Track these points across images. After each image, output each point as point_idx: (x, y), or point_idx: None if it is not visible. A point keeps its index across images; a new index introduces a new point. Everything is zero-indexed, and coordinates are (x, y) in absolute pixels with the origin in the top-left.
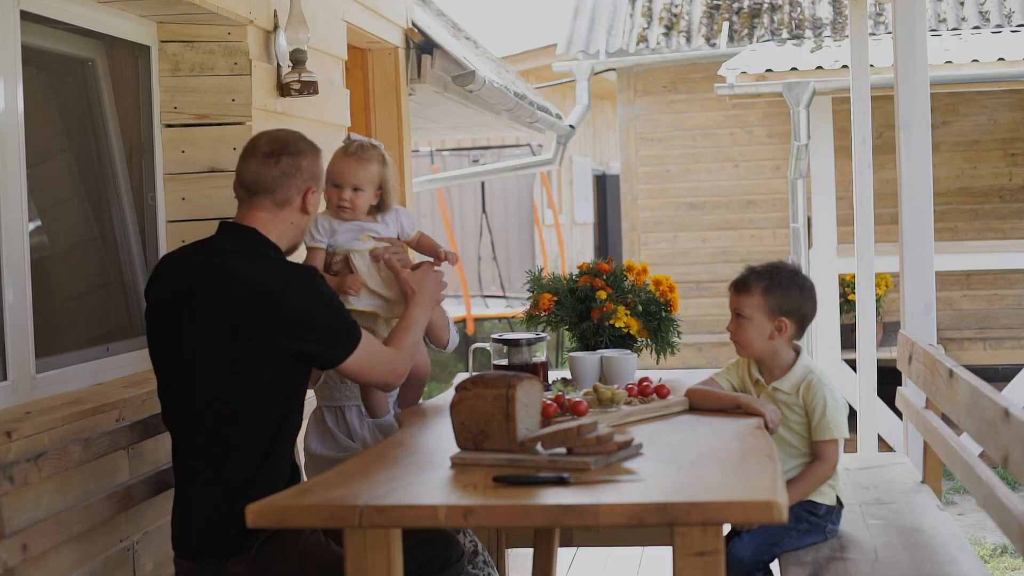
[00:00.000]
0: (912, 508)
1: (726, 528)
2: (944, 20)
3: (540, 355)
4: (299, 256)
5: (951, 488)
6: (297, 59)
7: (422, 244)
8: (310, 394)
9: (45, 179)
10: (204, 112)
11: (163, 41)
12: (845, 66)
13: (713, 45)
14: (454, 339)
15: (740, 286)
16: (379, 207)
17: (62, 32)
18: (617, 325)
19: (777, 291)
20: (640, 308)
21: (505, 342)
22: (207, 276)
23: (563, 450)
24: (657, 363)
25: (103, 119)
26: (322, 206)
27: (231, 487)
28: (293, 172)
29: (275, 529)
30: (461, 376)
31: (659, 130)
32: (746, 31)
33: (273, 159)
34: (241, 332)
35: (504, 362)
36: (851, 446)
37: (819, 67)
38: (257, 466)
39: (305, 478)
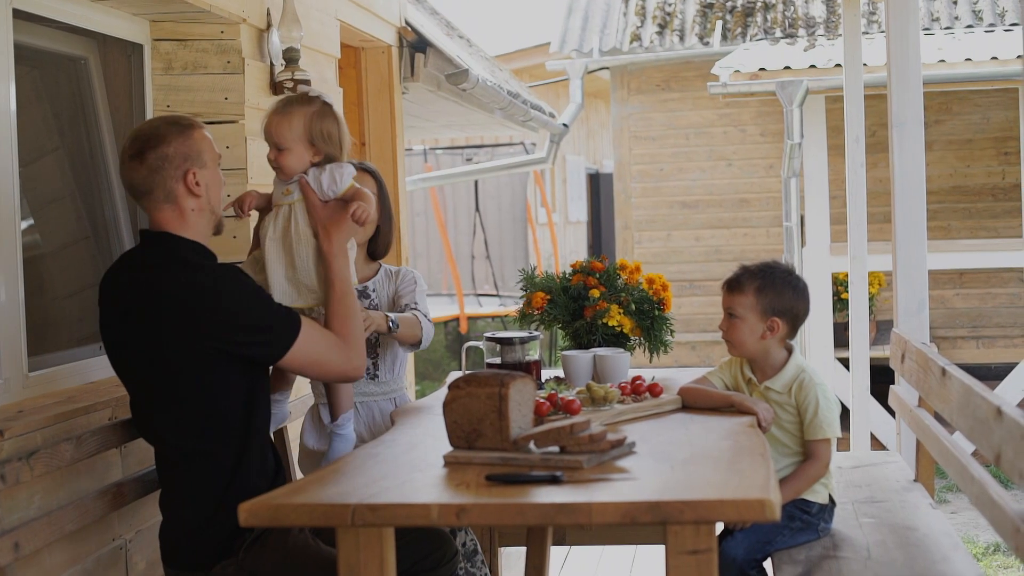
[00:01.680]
0: (905, 506)
1: (719, 527)
2: (937, 19)
3: (533, 353)
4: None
5: (944, 486)
6: (290, 57)
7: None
8: (306, 389)
9: (38, 177)
10: (197, 110)
11: (156, 39)
12: (838, 65)
13: (706, 44)
14: (428, 334)
15: (733, 285)
16: (325, 162)
17: (55, 30)
18: (610, 324)
19: (770, 291)
20: (633, 307)
21: (498, 340)
22: (134, 295)
23: (556, 449)
24: (650, 362)
25: (96, 117)
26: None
27: (209, 496)
28: (161, 165)
29: (261, 531)
30: (454, 375)
31: (652, 129)
32: (739, 30)
33: (138, 160)
34: (177, 345)
35: (497, 360)
36: (844, 444)
37: (812, 66)
38: (231, 473)
39: (298, 471)
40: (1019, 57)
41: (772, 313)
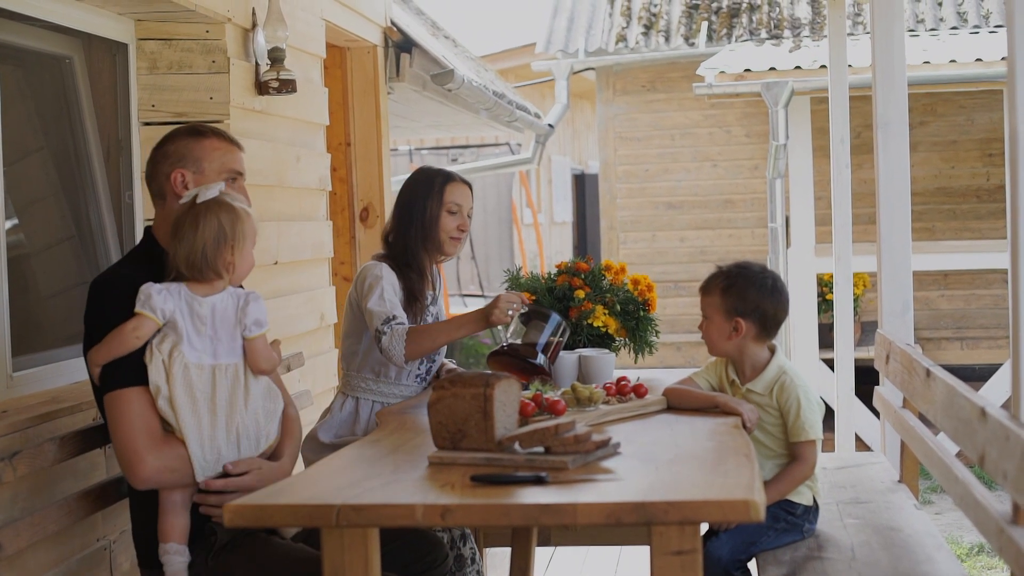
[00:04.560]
0: (889, 507)
1: (704, 527)
2: (922, 20)
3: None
4: None
5: (928, 487)
6: (275, 57)
7: None
8: (331, 383)
9: (22, 177)
10: (182, 110)
11: (141, 39)
12: (823, 66)
13: (692, 45)
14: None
15: (703, 286)
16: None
17: (39, 29)
18: (595, 324)
19: (734, 291)
20: (618, 307)
21: (535, 315)
22: None
23: (541, 449)
24: (635, 362)
25: (80, 117)
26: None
27: (136, 504)
28: (160, 159)
29: (229, 537)
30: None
31: (638, 129)
32: (725, 31)
33: (150, 158)
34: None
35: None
36: (828, 445)
37: (797, 67)
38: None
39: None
40: (1003, 59)
41: (736, 313)
